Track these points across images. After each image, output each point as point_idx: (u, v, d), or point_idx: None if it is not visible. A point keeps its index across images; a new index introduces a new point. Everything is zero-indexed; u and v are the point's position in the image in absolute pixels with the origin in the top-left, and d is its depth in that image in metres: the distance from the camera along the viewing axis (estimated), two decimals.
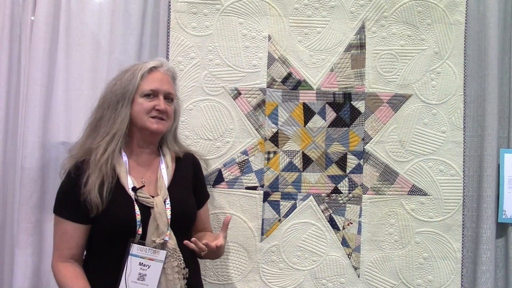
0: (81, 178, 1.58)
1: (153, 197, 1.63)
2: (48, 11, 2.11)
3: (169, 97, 1.71)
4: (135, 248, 1.58)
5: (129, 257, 1.58)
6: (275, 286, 2.11)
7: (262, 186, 2.13)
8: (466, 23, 2.18)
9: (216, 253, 1.70)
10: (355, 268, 2.14)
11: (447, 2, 2.17)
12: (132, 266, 1.57)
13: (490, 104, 2.17)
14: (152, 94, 1.67)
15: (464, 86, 2.18)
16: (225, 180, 2.12)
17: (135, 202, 1.60)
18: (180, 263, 1.63)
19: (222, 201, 2.10)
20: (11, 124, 2.16)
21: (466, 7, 2.17)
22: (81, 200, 1.56)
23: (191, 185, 1.80)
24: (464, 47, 2.18)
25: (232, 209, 2.10)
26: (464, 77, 2.18)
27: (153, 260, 1.59)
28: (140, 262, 1.58)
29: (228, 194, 2.11)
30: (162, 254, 1.60)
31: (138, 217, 1.58)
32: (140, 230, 1.58)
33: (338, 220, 2.14)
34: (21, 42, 2.16)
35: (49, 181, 2.12)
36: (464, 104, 2.17)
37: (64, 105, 2.15)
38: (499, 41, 2.21)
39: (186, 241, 1.61)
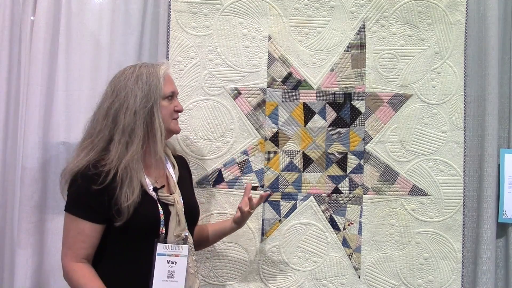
0: (109, 187, 1.55)
1: (171, 194, 1.67)
2: (48, 11, 2.11)
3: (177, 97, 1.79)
4: (161, 248, 1.60)
5: (156, 257, 1.59)
6: (275, 287, 2.11)
7: (262, 186, 2.13)
8: (466, 23, 2.18)
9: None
10: (356, 269, 2.14)
11: (447, 2, 2.17)
12: (160, 266, 1.59)
13: (490, 104, 2.17)
14: (172, 96, 1.73)
15: (465, 86, 2.18)
16: (225, 180, 2.11)
17: (157, 202, 1.63)
18: (197, 258, 1.71)
19: (222, 201, 2.10)
20: (11, 124, 2.16)
21: (466, 7, 2.17)
22: (104, 206, 1.55)
23: (191, 184, 1.89)
24: (464, 47, 2.18)
25: (232, 209, 2.10)
26: (464, 77, 2.18)
27: (178, 256, 1.62)
28: (167, 260, 1.60)
29: (228, 194, 2.11)
30: (185, 248, 1.63)
31: (162, 217, 1.61)
32: (163, 230, 1.61)
33: (339, 220, 2.14)
34: (21, 42, 2.16)
35: (49, 181, 2.12)
36: (464, 104, 2.17)
37: (64, 105, 2.15)
38: (499, 41, 2.21)
39: (240, 205, 1.81)
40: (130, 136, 1.60)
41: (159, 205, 1.62)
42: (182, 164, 1.87)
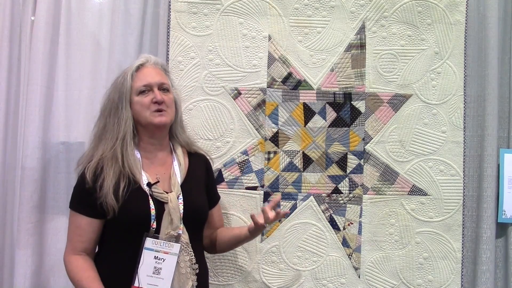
0: (97, 182, 1.62)
1: (167, 192, 1.67)
2: (48, 11, 2.11)
3: (163, 88, 1.74)
4: (149, 242, 1.60)
5: (144, 251, 1.60)
6: (275, 287, 2.11)
7: (262, 186, 2.13)
8: (466, 23, 2.17)
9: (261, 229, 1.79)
10: (356, 269, 2.14)
11: (447, 2, 2.17)
12: (146, 260, 1.60)
13: (490, 104, 2.17)
14: (146, 90, 1.70)
15: (464, 86, 2.18)
16: (225, 180, 2.11)
17: (150, 197, 1.64)
18: (192, 258, 1.67)
19: (222, 201, 2.09)
20: (11, 124, 2.16)
21: (466, 7, 2.17)
22: (97, 203, 1.61)
23: (204, 184, 1.84)
24: (464, 47, 2.18)
25: (232, 209, 2.10)
26: (464, 77, 2.18)
27: (167, 253, 1.61)
28: (155, 256, 1.60)
29: (228, 194, 2.11)
30: (176, 247, 1.62)
31: (153, 212, 1.62)
32: (154, 224, 1.62)
33: (339, 220, 2.14)
34: (21, 42, 2.16)
35: (49, 181, 2.12)
36: (464, 104, 2.17)
37: (64, 105, 2.15)
38: (499, 41, 2.21)
39: (252, 214, 1.72)
40: (100, 137, 1.70)
41: (151, 200, 1.63)
42: (198, 164, 1.84)
